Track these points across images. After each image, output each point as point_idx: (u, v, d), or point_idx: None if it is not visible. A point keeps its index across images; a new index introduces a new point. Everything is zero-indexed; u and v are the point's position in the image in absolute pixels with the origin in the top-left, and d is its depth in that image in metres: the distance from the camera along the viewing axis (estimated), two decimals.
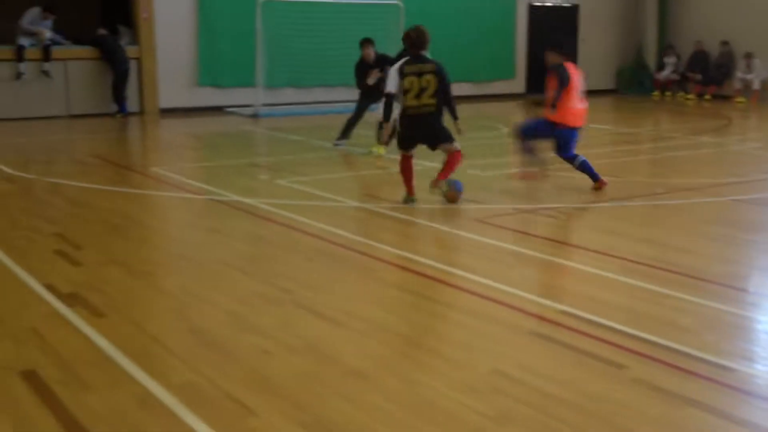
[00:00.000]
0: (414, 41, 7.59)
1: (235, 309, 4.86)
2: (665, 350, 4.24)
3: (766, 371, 4.09)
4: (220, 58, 16.60)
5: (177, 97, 16.29)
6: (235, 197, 8.08)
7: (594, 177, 8.38)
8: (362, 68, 12.35)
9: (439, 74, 7.48)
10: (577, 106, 8.28)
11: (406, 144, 7.75)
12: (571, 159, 8.38)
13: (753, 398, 3.79)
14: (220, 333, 4.47)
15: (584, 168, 8.38)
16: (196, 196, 8.25)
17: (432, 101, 7.49)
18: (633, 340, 4.37)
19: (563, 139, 8.29)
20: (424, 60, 7.56)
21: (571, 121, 8.25)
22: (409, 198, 7.73)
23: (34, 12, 14.83)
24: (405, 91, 7.49)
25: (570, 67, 8.30)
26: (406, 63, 7.55)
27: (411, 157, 7.79)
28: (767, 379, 3.99)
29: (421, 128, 7.63)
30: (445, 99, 7.55)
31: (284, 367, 4.01)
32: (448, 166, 7.71)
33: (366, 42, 12.34)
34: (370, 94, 12.36)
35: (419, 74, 7.46)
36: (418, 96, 7.47)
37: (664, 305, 4.98)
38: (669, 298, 5.09)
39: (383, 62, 12.34)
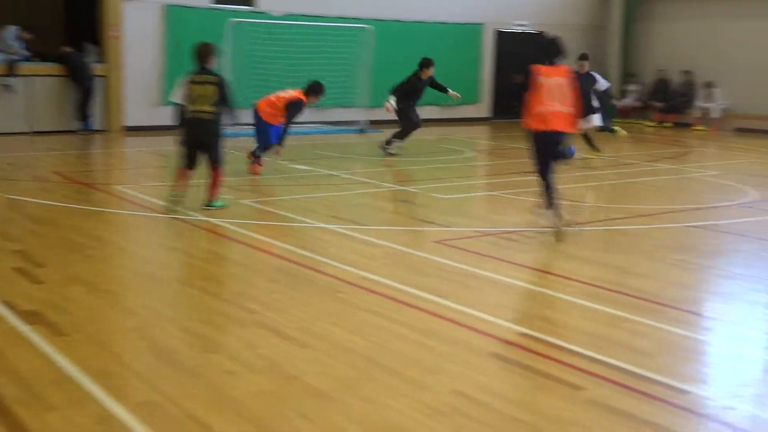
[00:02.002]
0: (200, 55, 8.29)
1: (198, 329, 4.86)
2: (622, 372, 4.32)
3: (720, 394, 4.19)
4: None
5: (142, 116, 16.22)
6: (198, 216, 8.07)
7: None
8: (421, 84, 13.23)
9: (220, 85, 8.21)
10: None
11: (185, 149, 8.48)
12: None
13: (706, 420, 3.88)
14: (183, 353, 4.47)
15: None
16: (158, 214, 8.22)
17: (210, 109, 8.18)
18: (591, 363, 4.45)
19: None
20: (208, 72, 8.29)
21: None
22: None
23: (12, 29, 14.75)
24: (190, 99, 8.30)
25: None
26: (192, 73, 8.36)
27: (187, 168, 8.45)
28: (720, 401, 4.08)
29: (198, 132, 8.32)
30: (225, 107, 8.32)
31: (246, 387, 4.02)
32: (215, 183, 8.33)
33: (431, 62, 13.15)
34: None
35: (201, 83, 8.23)
36: (194, 102, 8.24)
37: (623, 328, 5.07)
38: (627, 322, 5.19)
39: (433, 80, 13.46)
